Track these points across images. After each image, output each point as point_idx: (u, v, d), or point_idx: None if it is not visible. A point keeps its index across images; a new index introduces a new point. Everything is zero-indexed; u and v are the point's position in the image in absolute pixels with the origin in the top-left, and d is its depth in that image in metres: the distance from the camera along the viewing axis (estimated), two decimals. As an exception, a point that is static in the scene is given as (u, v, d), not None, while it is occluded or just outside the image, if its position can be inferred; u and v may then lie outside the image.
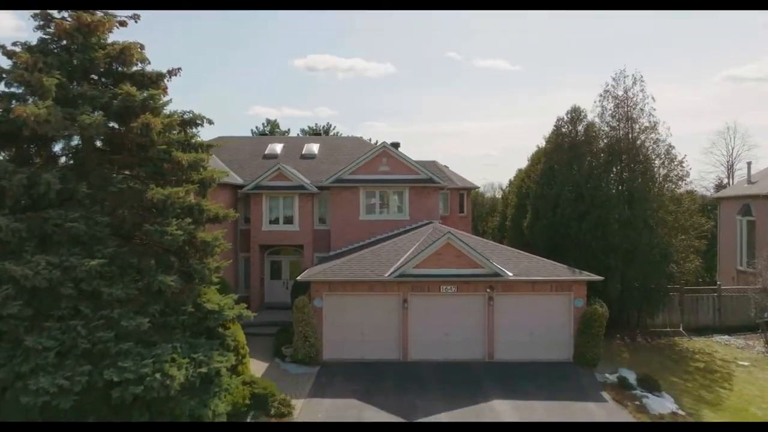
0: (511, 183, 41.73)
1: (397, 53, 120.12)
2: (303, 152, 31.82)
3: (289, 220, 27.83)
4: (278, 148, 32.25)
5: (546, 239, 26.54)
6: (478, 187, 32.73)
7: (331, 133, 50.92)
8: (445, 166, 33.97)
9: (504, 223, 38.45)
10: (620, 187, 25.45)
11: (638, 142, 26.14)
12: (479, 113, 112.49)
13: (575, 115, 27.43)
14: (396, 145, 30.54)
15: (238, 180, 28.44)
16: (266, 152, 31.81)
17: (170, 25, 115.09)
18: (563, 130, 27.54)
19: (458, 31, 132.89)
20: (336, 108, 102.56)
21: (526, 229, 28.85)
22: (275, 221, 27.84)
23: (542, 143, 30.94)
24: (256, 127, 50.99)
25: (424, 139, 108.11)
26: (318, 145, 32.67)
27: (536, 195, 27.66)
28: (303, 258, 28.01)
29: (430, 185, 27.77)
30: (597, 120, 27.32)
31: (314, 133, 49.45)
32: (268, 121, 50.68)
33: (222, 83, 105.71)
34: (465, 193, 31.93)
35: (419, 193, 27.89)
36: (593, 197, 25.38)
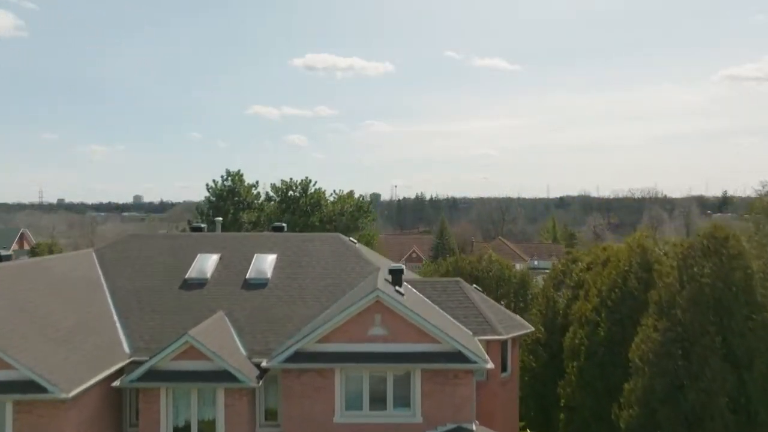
0: (556, 283, 29.63)
1: (396, 52, 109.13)
2: (248, 275, 19.70)
3: (208, 429, 15.73)
4: (209, 264, 20.13)
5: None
6: (531, 329, 20.73)
7: (313, 188, 38.72)
8: (475, 287, 21.90)
9: (554, 344, 26.39)
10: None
11: None
12: (478, 112, 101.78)
13: (719, 243, 15.37)
14: (397, 276, 18.44)
15: (123, 350, 16.41)
16: (188, 275, 19.67)
17: (170, 27, 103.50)
18: (695, 269, 15.48)
19: (456, 29, 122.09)
20: (335, 107, 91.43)
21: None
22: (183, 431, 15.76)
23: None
24: (214, 181, 38.77)
25: (423, 138, 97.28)
26: (273, 257, 20.54)
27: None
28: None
29: (458, 366, 15.73)
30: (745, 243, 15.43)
31: (285, 193, 37.19)
32: (229, 174, 38.35)
33: (222, 83, 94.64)
34: (510, 341, 19.94)
35: (439, 377, 15.89)
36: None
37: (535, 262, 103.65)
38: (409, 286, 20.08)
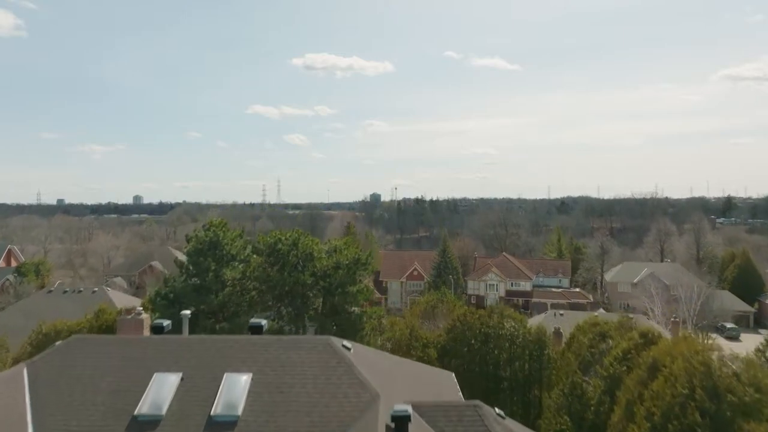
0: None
1: (396, 52, 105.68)
2: (214, 410, 15.66)
3: None
4: (167, 392, 16.08)
5: None
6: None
7: (303, 241, 34.47)
8: (497, 411, 17.87)
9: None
10: None
11: None
12: (478, 112, 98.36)
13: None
14: (402, 426, 14.43)
15: None
16: (139, 410, 15.61)
17: (170, 26, 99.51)
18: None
19: (456, 29, 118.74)
20: (335, 107, 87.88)
21: None
22: None
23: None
24: (195, 231, 34.59)
25: (423, 137, 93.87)
26: (248, 378, 16.54)
27: None
28: None
29: None
30: None
31: (273, 246, 33.03)
32: (211, 225, 34.20)
33: (222, 83, 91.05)
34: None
35: None
36: None
37: (541, 279, 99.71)
38: (417, 416, 16.16)
